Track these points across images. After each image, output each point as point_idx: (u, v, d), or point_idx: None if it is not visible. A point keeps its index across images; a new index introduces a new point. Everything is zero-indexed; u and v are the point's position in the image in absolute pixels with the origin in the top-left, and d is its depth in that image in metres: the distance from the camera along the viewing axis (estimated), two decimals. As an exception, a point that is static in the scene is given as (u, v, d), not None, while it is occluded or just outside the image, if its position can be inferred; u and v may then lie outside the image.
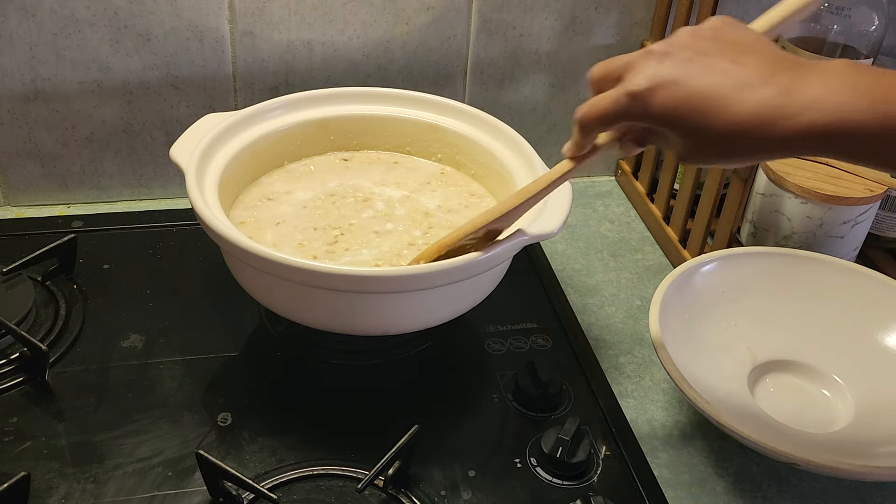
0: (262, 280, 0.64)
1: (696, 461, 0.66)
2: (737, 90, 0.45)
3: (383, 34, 0.86)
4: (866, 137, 0.43)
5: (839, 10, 0.83)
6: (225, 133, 0.72)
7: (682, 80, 0.46)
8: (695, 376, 0.64)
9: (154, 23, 0.80)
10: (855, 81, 0.43)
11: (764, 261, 0.77)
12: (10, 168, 0.85)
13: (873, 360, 0.72)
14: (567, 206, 0.65)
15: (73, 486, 0.59)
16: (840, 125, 0.43)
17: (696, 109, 0.46)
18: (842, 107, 0.43)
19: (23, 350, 0.67)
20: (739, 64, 0.46)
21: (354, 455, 0.62)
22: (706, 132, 0.46)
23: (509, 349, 0.73)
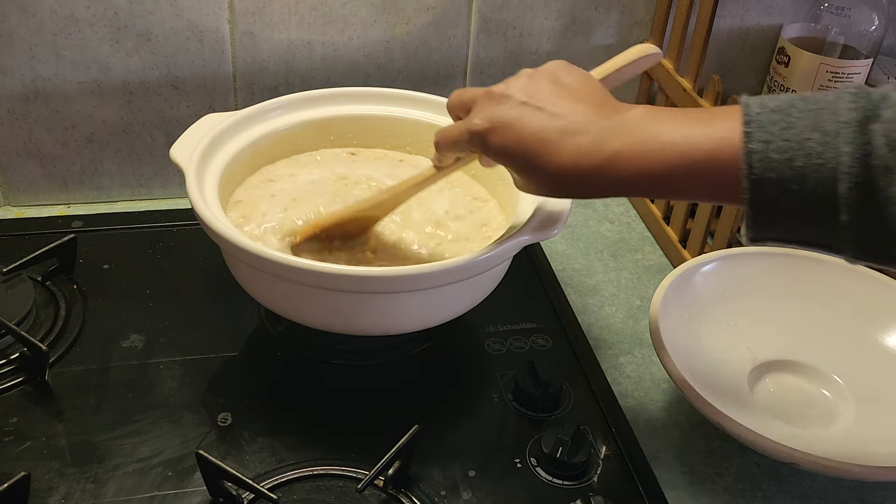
0: (262, 280, 0.64)
1: (696, 461, 0.66)
2: (559, 136, 0.50)
3: (383, 34, 0.86)
4: (662, 179, 0.48)
5: (839, 10, 0.83)
6: (225, 133, 0.72)
7: (514, 125, 0.52)
8: (695, 376, 0.64)
9: (154, 23, 0.80)
10: (648, 130, 0.49)
11: (764, 261, 0.77)
12: (10, 168, 0.85)
13: (873, 360, 0.72)
14: (567, 207, 0.65)
15: (73, 486, 0.59)
16: (639, 172, 0.48)
17: (525, 151, 0.51)
18: (638, 157, 0.48)
19: (23, 350, 0.67)
20: (565, 111, 0.51)
21: (354, 455, 0.62)
22: (535, 171, 0.52)
23: (509, 349, 0.73)
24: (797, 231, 0.46)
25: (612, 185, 0.50)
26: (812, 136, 0.44)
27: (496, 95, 0.54)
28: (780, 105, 0.45)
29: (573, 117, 0.51)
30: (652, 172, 0.48)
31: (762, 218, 0.46)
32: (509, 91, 0.53)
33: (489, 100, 0.54)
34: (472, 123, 0.54)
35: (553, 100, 0.52)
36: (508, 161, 0.53)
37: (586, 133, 0.50)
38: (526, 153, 0.51)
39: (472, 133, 0.54)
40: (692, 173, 0.47)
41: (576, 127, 0.50)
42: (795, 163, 0.44)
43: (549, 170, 0.51)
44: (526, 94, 0.53)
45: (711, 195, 0.49)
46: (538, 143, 0.51)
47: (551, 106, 0.52)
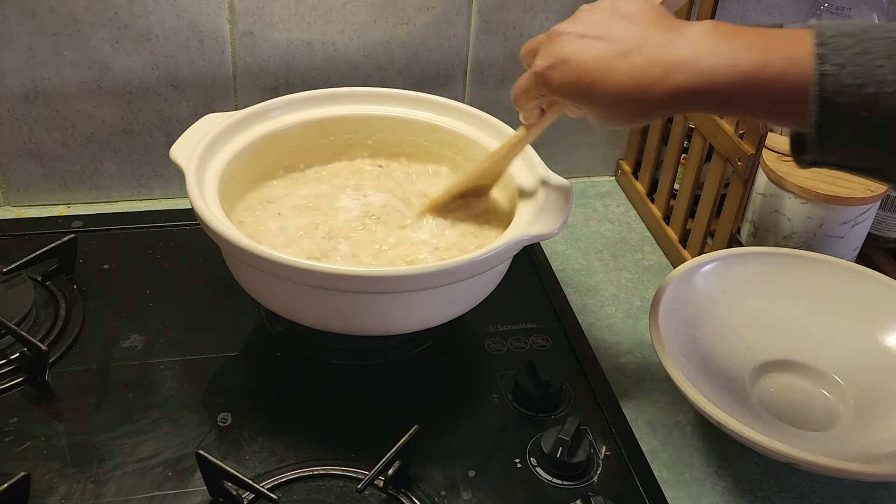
0: (262, 280, 0.64)
1: (696, 461, 0.66)
2: (616, 60, 0.51)
3: (383, 34, 0.86)
4: (727, 94, 0.47)
5: (839, 10, 0.83)
6: (225, 133, 0.72)
7: (571, 58, 0.52)
8: (695, 377, 0.64)
9: (154, 23, 0.80)
10: (711, 44, 0.48)
11: (764, 261, 0.77)
12: (10, 168, 0.85)
13: (873, 360, 0.72)
14: (567, 206, 0.65)
15: (73, 486, 0.59)
16: (704, 86, 0.48)
17: (584, 82, 0.52)
18: (700, 70, 0.48)
19: (23, 350, 0.67)
20: (621, 34, 0.51)
21: (354, 455, 0.62)
22: (597, 100, 0.52)
23: (509, 349, 0.73)
24: (858, 157, 0.46)
25: (669, 102, 0.49)
26: (885, 64, 0.43)
27: (555, 34, 0.54)
28: (852, 30, 0.45)
29: (628, 39, 0.51)
30: (713, 87, 0.47)
31: (827, 142, 0.45)
32: (567, 27, 0.54)
33: (549, 40, 0.55)
34: (535, 66, 0.55)
35: (609, 27, 0.52)
36: (573, 96, 0.54)
37: (640, 51, 0.50)
38: (586, 83, 0.52)
39: (536, 75, 0.55)
40: (756, 91, 0.47)
41: (631, 47, 0.50)
42: (867, 89, 0.43)
43: (608, 94, 0.51)
44: (583, 26, 0.53)
45: (775, 114, 0.49)
46: (595, 72, 0.51)
47: (607, 32, 0.52)
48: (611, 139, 0.99)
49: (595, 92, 0.51)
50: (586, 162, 1.00)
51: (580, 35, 0.53)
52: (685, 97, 0.49)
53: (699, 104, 0.49)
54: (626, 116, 0.53)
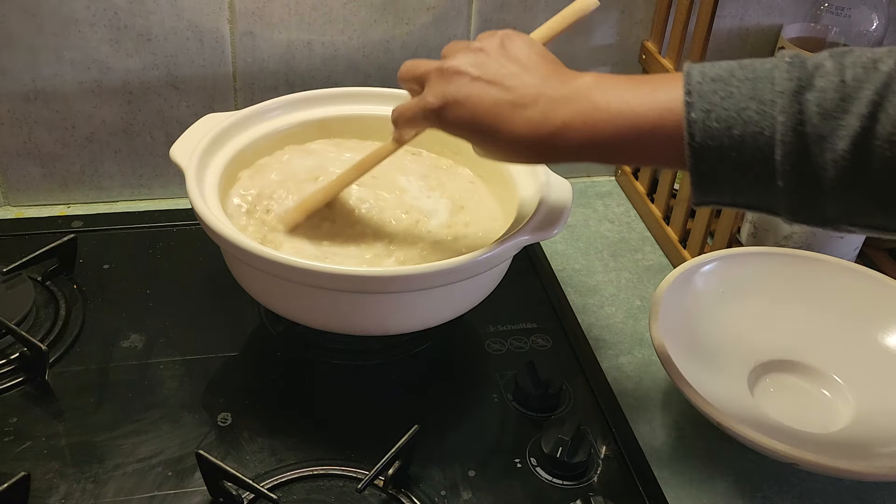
0: (262, 280, 0.64)
1: (696, 461, 0.66)
2: (511, 110, 0.52)
3: (383, 34, 0.86)
4: (615, 147, 0.50)
5: (839, 10, 0.83)
6: (225, 133, 0.72)
7: (467, 102, 0.53)
8: (695, 376, 0.64)
9: (154, 23, 0.80)
10: (595, 100, 0.50)
11: (764, 261, 0.77)
12: (10, 168, 0.85)
13: (873, 360, 0.72)
14: (567, 206, 0.65)
15: (73, 486, 0.59)
16: (593, 141, 0.50)
17: (479, 126, 0.53)
18: (589, 126, 0.50)
19: (23, 350, 0.67)
20: (516, 83, 0.53)
21: (354, 455, 0.62)
22: (491, 143, 0.54)
23: (509, 349, 0.73)
24: (737, 195, 0.48)
25: (563, 153, 0.52)
26: (750, 105, 0.45)
27: (448, 72, 0.54)
28: (720, 74, 0.47)
29: (523, 90, 0.52)
30: (600, 141, 0.50)
31: (704, 183, 0.48)
32: (461, 67, 0.54)
33: (441, 77, 0.55)
34: (427, 102, 0.55)
35: (504, 73, 0.53)
36: (464, 135, 0.55)
37: (535, 105, 0.51)
38: (480, 128, 0.53)
39: (427, 111, 0.56)
40: (638, 141, 0.49)
41: (526, 100, 0.52)
42: (734, 131, 0.45)
43: (504, 141, 0.53)
44: (477, 68, 0.54)
45: (658, 161, 0.51)
46: (491, 118, 0.52)
47: (501, 79, 0.53)
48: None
49: (491, 137, 0.53)
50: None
51: (475, 78, 0.53)
52: (578, 150, 0.51)
53: (592, 156, 0.51)
54: (518, 160, 0.56)
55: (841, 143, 0.43)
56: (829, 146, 0.44)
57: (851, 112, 0.43)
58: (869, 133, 0.43)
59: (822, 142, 0.44)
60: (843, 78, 0.44)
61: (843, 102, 0.44)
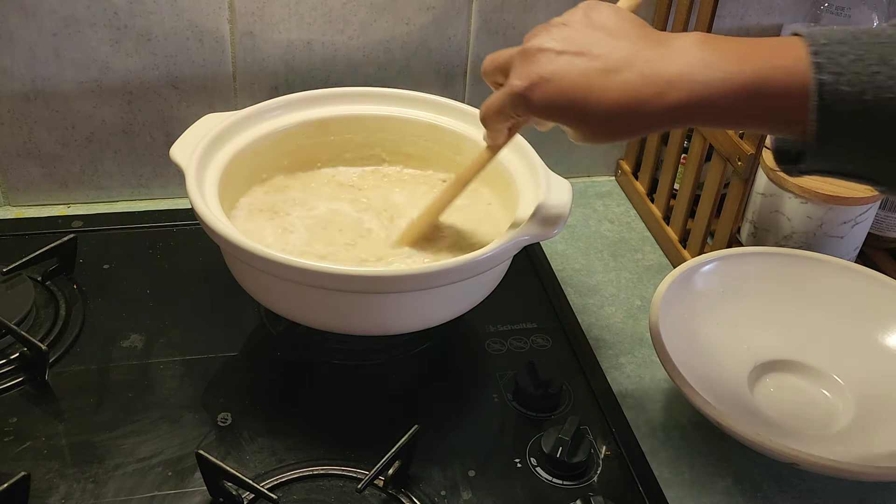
0: (262, 280, 0.64)
1: (696, 461, 0.66)
2: (604, 78, 0.48)
3: (383, 34, 0.86)
4: (726, 107, 0.47)
5: (839, 10, 0.83)
6: (225, 133, 0.72)
7: (554, 77, 0.49)
8: (695, 376, 0.64)
9: (154, 23, 0.80)
10: (705, 58, 0.47)
11: (764, 261, 0.77)
12: (10, 168, 0.85)
13: (873, 360, 0.72)
14: (567, 206, 0.65)
15: (73, 486, 0.59)
16: (701, 100, 0.46)
17: (570, 101, 0.49)
18: (697, 84, 0.46)
19: (23, 350, 0.67)
20: (605, 50, 0.49)
21: (354, 455, 0.62)
22: (585, 119, 0.50)
23: (509, 349, 0.73)
24: (853, 163, 0.46)
25: (666, 118, 0.48)
26: (881, 70, 0.43)
27: (531, 51, 0.51)
28: (844, 37, 0.45)
29: (615, 54, 0.49)
30: (710, 100, 0.46)
31: (825, 150, 0.45)
32: (544, 43, 0.51)
33: (525, 58, 0.51)
34: (512, 86, 0.51)
35: (590, 42, 0.50)
36: (556, 115, 0.51)
37: (630, 67, 0.48)
38: (572, 102, 0.49)
39: (514, 96, 0.51)
40: (754, 102, 0.46)
41: (619, 63, 0.48)
42: (866, 96, 0.43)
43: (600, 112, 0.49)
44: (561, 42, 0.50)
45: (773, 124, 0.48)
46: (583, 90, 0.49)
47: (589, 48, 0.49)
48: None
49: (585, 111, 0.49)
50: (586, 162, 1.01)
51: (560, 51, 0.50)
52: (683, 113, 0.47)
53: (697, 118, 0.48)
54: (618, 134, 0.51)
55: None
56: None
57: None
58: None
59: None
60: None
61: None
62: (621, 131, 0.50)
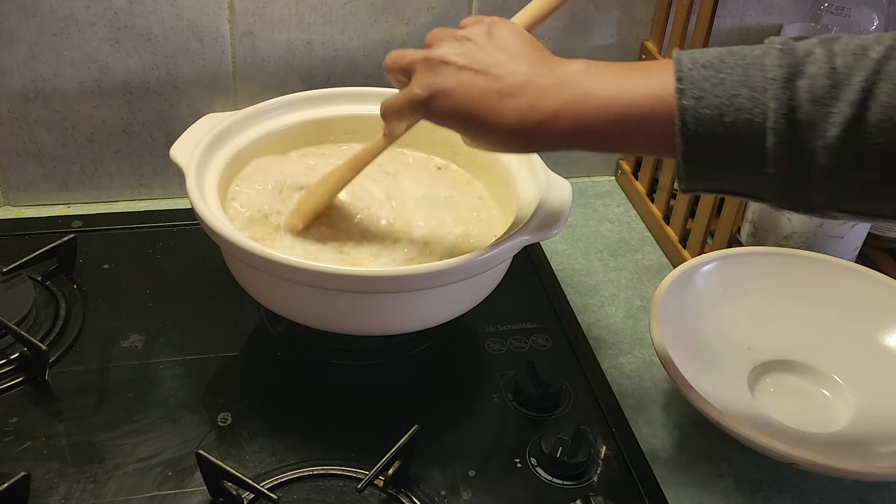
0: (262, 280, 0.64)
1: (696, 461, 0.66)
2: (499, 100, 0.52)
3: (383, 34, 0.86)
4: (605, 133, 0.50)
5: (839, 10, 0.83)
6: (225, 133, 0.72)
7: (453, 92, 0.53)
8: (695, 376, 0.64)
9: (154, 23, 0.80)
10: (586, 88, 0.50)
11: (764, 261, 0.77)
12: (10, 168, 0.85)
13: (873, 360, 0.72)
14: (567, 206, 0.65)
15: (73, 486, 0.59)
16: (584, 128, 0.50)
17: (466, 116, 0.53)
18: (577, 115, 0.50)
19: (23, 350, 0.67)
20: (503, 71, 0.52)
21: (354, 455, 0.62)
22: (479, 133, 0.54)
23: (509, 349, 0.73)
24: (726, 181, 0.48)
25: (553, 142, 0.51)
26: (741, 92, 0.45)
27: (434, 62, 0.54)
28: (710, 60, 0.47)
29: (511, 78, 0.52)
30: (591, 128, 0.50)
31: (694, 170, 0.48)
32: (447, 56, 0.54)
33: (427, 67, 0.54)
34: (413, 93, 0.55)
35: (491, 61, 0.53)
36: (452, 125, 0.55)
37: (523, 94, 0.51)
38: (468, 118, 0.53)
39: (414, 103, 0.55)
40: (629, 128, 0.49)
41: (514, 88, 0.51)
42: (726, 118, 0.46)
43: (492, 130, 0.52)
44: (464, 57, 0.53)
45: (648, 148, 0.51)
46: (479, 108, 0.52)
47: (488, 67, 0.52)
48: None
49: (479, 126, 0.53)
50: (586, 162, 1.00)
51: (462, 67, 0.53)
52: (568, 139, 0.51)
53: (581, 144, 0.51)
54: (510, 150, 0.56)
55: (832, 130, 0.44)
56: (820, 133, 0.44)
57: (842, 99, 0.44)
58: (860, 120, 0.43)
59: (814, 129, 0.44)
60: (833, 65, 0.44)
61: (833, 89, 0.44)
62: (513, 149, 0.55)
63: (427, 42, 0.57)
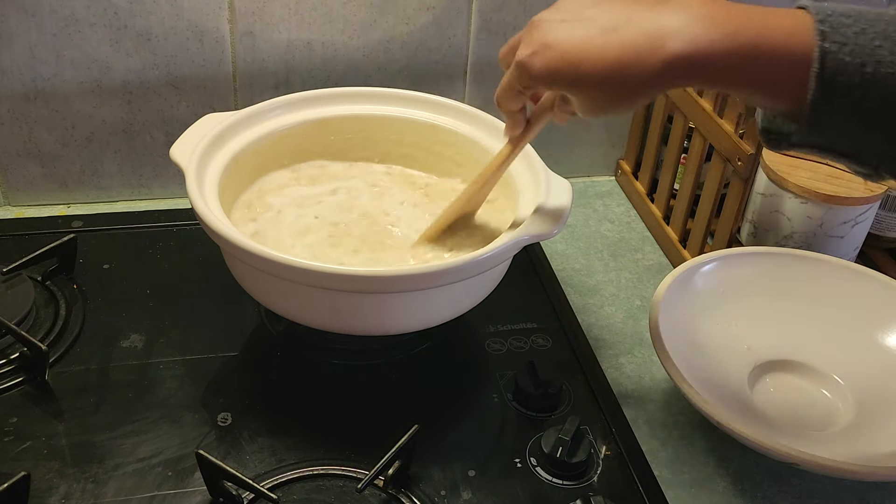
0: (262, 280, 0.64)
1: (696, 461, 0.66)
2: (603, 37, 0.48)
3: (383, 34, 0.86)
4: (724, 65, 0.46)
5: (839, 10, 0.83)
6: (225, 133, 0.72)
7: (555, 42, 0.50)
8: (695, 376, 0.64)
9: (154, 23, 0.80)
10: (708, 14, 0.46)
11: (764, 261, 0.77)
12: (10, 168, 0.85)
13: (873, 360, 0.72)
14: (567, 206, 0.65)
15: (73, 486, 0.59)
16: (700, 55, 0.46)
17: (570, 64, 0.49)
18: (697, 37, 0.46)
19: (23, 350, 0.67)
20: (606, 15, 0.49)
21: (354, 455, 0.62)
22: (585, 82, 0.49)
23: (509, 349, 0.73)
24: (845, 138, 0.46)
25: (668, 76, 0.47)
26: (883, 45, 0.44)
27: (535, 23, 0.52)
28: (849, 11, 0.45)
29: (612, 15, 0.49)
30: (713, 58, 0.46)
31: (818, 120, 0.45)
32: (546, 15, 0.52)
33: (530, 30, 0.52)
34: (518, 56, 0.52)
35: (590, 8, 0.50)
36: (558, 81, 0.51)
37: (629, 24, 0.48)
38: (571, 65, 0.49)
39: (518, 65, 0.52)
40: (756, 62, 0.46)
41: (618, 22, 0.48)
42: (866, 69, 0.44)
43: (598, 72, 0.48)
44: (562, 12, 0.51)
45: (769, 89, 0.47)
46: (581, 50, 0.49)
47: (590, 14, 0.50)
48: (611, 139, 0.99)
49: (582, 71, 0.49)
50: (586, 162, 1.01)
51: (563, 20, 0.50)
52: (680, 67, 0.46)
53: (694, 75, 0.47)
54: (616, 96, 0.50)
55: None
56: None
57: None
58: None
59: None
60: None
61: None
62: (619, 93, 0.49)
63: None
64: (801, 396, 0.71)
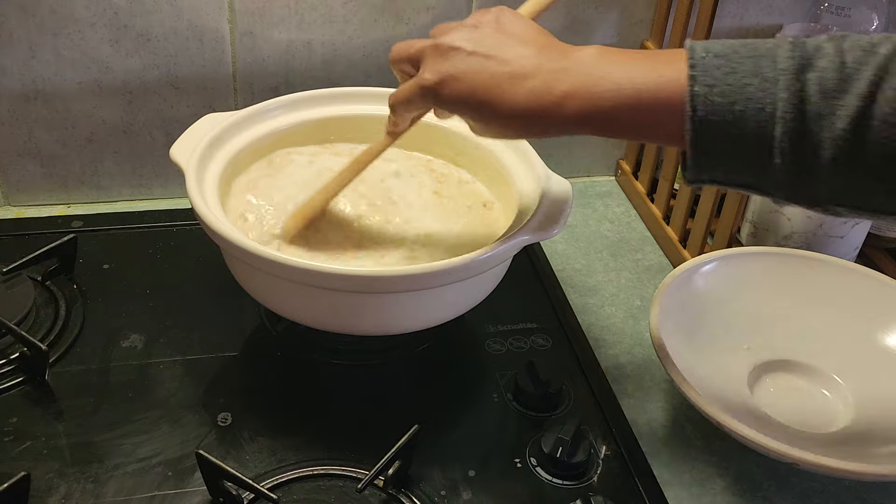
0: (262, 280, 0.64)
1: (696, 461, 0.66)
2: (511, 82, 0.51)
3: (383, 34, 0.86)
4: (614, 118, 0.50)
5: (839, 10, 0.83)
6: (225, 133, 0.72)
7: (465, 76, 0.53)
8: (695, 376, 0.64)
9: (154, 23, 0.80)
10: (600, 70, 0.50)
11: (764, 261, 0.77)
12: (10, 168, 0.85)
13: (873, 360, 0.72)
14: (567, 206, 0.65)
15: (73, 486, 0.59)
16: (594, 111, 0.50)
17: (478, 100, 0.52)
18: (592, 97, 0.50)
19: (23, 350, 0.67)
20: (514, 56, 0.52)
21: (354, 455, 0.62)
22: (489, 117, 0.53)
23: (509, 349, 0.73)
24: (732, 172, 0.48)
25: (563, 125, 0.51)
26: (752, 82, 0.46)
27: (443, 48, 0.54)
28: (723, 50, 0.47)
29: (522, 61, 0.52)
30: (602, 112, 0.50)
31: (701, 159, 0.48)
32: (456, 42, 0.53)
33: (437, 53, 0.54)
34: (423, 79, 0.54)
35: (500, 46, 0.53)
36: (463, 111, 0.54)
37: (535, 76, 0.51)
38: (479, 102, 0.52)
39: (425, 89, 0.54)
40: (639, 113, 0.49)
41: (525, 70, 0.51)
42: (736, 106, 0.46)
43: (504, 114, 0.52)
44: (472, 43, 0.53)
45: (656, 135, 0.51)
46: (491, 91, 0.52)
47: (498, 52, 0.52)
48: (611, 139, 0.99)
49: (490, 110, 0.52)
50: (586, 162, 1.01)
51: (471, 52, 0.53)
52: (579, 121, 0.50)
53: (592, 127, 0.51)
54: (520, 134, 0.55)
55: (839, 123, 0.44)
56: (827, 125, 0.45)
57: (851, 92, 0.44)
58: (867, 113, 0.44)
59: (822, 120, 0.45)
60: (843, 59, 0.45)
61: (842, 83, 0.45)
62: (523, 132, 0.54)
63: (433, 34, 0.56)
64: (801, 396, 0.71)
